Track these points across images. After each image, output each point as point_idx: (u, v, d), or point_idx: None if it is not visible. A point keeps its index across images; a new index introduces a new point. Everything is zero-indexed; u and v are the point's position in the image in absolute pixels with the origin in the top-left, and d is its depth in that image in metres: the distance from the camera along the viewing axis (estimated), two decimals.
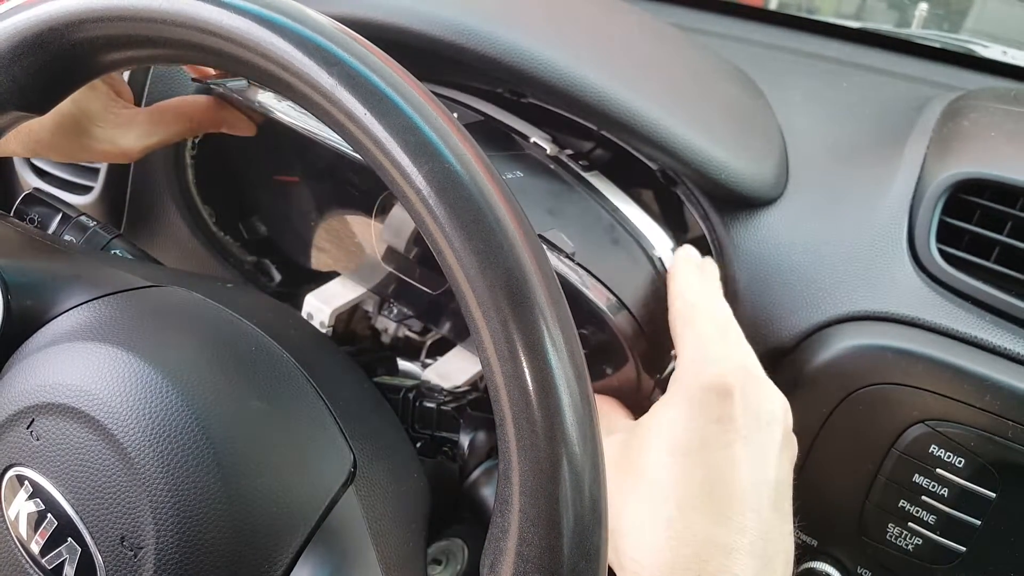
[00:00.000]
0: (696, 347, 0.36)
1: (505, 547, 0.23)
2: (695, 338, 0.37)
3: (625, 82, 0.42)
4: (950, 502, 0.39)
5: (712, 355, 0.35)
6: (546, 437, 0.21)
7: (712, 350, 0.36)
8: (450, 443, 0.40)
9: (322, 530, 0.27)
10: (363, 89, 0.22)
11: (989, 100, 0.53)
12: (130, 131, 0.44)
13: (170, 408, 0.26)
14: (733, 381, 0.34)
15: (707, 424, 0.33)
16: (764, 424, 0.34)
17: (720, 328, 0.38)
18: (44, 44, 0.26)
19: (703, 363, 0.35)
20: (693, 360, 0.36)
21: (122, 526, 0.25)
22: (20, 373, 0.29)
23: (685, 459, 0.33)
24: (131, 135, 0.44)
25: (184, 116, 0.46)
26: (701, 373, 0.35)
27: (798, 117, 0.53)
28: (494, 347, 0.21)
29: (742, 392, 0.34)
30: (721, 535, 0.31)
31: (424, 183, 0.21)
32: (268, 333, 0.31)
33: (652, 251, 0.42)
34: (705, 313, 0.38)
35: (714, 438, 0.33)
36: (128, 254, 0.42)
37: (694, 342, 0.36)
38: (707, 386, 0.34)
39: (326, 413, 0.30)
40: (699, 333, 0.37)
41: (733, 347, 0.37)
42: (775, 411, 0.35)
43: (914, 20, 0.89)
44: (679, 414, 0.34)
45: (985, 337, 0.39)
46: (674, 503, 0.32)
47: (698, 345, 0.36)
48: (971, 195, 0.42)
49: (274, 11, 0.23)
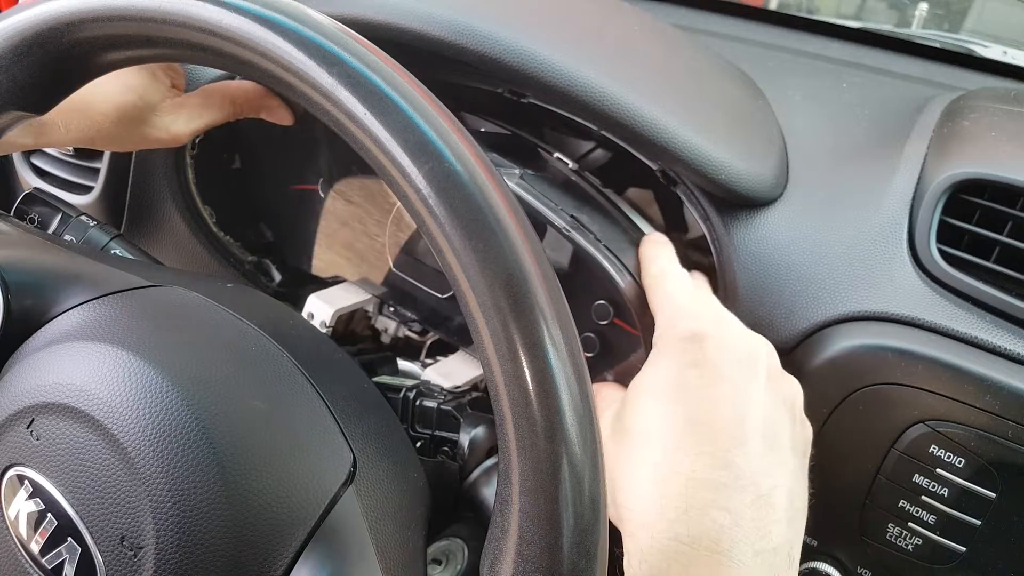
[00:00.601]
0: (669, 305, 0.38)
1: (505, 546, 0.23)
2: (666, 298, 0.38)
3: (625, 82, 0.42)
4: (950, 502, 0.39)
5: (685, 310, 0.37)
6: (546, 436, 0.21)
7: (684, 305, 0.37)
8: (450, 443, 0.40)
9: (322, 530, 0.27)
10: (363, 89, 0.22)
11: (989, 100, 0.53)
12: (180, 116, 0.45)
13: (170, 408, 0.26)
14: (706, 327, 0.35)
15: (684, 369, 0.34)
16: (743, 364, 0.34)
17: (689, 288, 0.39)
18: (44, 44, 0.26)
19: (677, 317, 0.37)
20: (668, 316, 0.37)
21: (122, 526, 0.25)
22: (20, 373, 0.29)
23: (666, 404, 0.33)
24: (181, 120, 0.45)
25: (228, 99, 0.46)
26: (676, 325, 0.36)
27: (798, 117, 0.53)
28: (494, 347, 0.21)
29: (717, 336, 0.35)
30: (705, 471, 0.31)
31: (424, 182, 0.21)
32: (268, 333, 0.31)
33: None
34: (673, 276, 0.40)
35: (692, 380, 0.33)
36: (128, 254, 0.42)
37: (666, 302, 0.38)
38: (682, 335, 0.35)
39: (326, 413, 0.30)
40: (669, 292, 0.38)
41: (704, 302, 0.39)
42: (754, 351, 0.36)
43: (914, 20, 0.90)
44: (658, 367, 0.35)
45: (985, 337, 0.39)
46: (659, 447, 0.32)
47: (670, 303, 0.38)
48: (971, 195, 0.42)
49: (274, 11, 0.23)
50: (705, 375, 0.33)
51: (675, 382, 0.34)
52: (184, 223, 0.52)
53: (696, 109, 0.45)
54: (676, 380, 0.34)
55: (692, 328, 0.35)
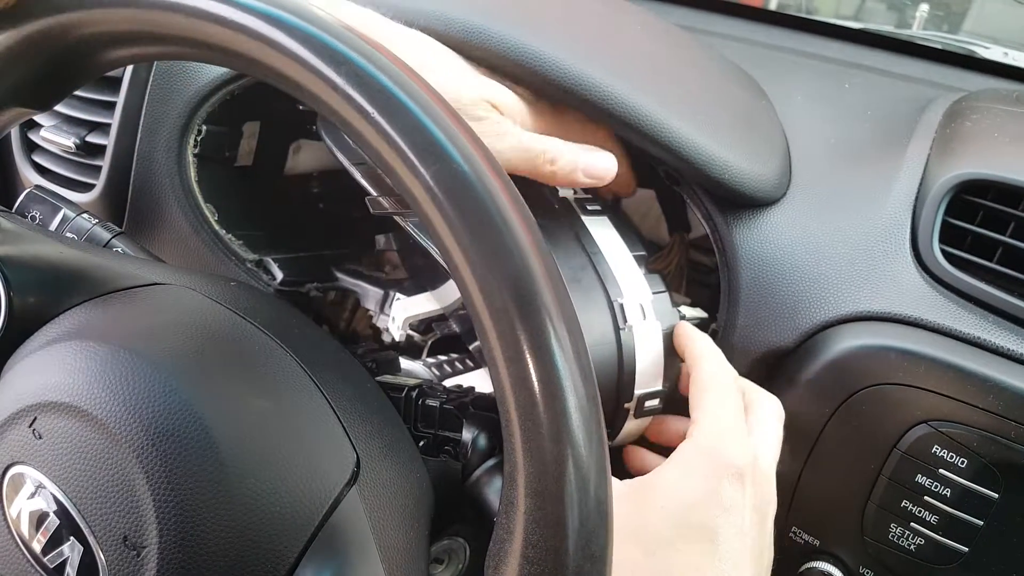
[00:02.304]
0: (715, 420, 0.36)
1: (510, 549, 0.22)
2: (715, 410, 0.37)
3: (630, 81, 0.42)
4: (952, 502, 0.39)
5: (730, 436, 0.36)
6: (552, 438, 0.21)
7: (731, 429, 0.36)
8: (453, 442, 0.40)
9: (325, 529, 0.27)
10: (372, 88, 0.22)
11: (991, 101, 0.53)
12: None
13: (173, 407, 0.26)
14: (746, 470, 0.35)
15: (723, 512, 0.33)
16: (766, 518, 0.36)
17: (739, 409, 0.38)
18: (47, 40, 0.26)
19: (720, 438, 0.35)
20: (710, 433, 0.36)
21: (124, 525, 0.25)
22: (22, 371, 0.29)
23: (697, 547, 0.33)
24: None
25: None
26: (718, 450, 0.35)
27: (801, 117, 0.53)
28: (501, 348, 0.21)
29: (753, 483, 0.35)
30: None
31: (432, 183, 0.21)
32: (271, 332, 0.31)
33: (617, 297, 0.41)
34: (728, 388, 0.38)
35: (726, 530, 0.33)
36: (130, 252, 0.42)
37: (714, 414, 0.37)
38: (723, 466, 0.34)
39: (329, 412, 0.30)
40: (720, 405, 0.37)
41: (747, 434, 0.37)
42: (771, 500, 0.37)
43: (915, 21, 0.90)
44: (690, 483, 0.34)
45: (988, 338, 0.39)
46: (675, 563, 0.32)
47: (717, 419, 0.36)
48: (974, 196, 0.42)
49: (282, 9, 0.23)
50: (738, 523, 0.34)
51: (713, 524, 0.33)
52: (186, 221, 0.52)
53: (700, 109, 0.45)
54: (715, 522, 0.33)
55: (735, 465, 0.34)
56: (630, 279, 0.43)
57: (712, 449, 0.35)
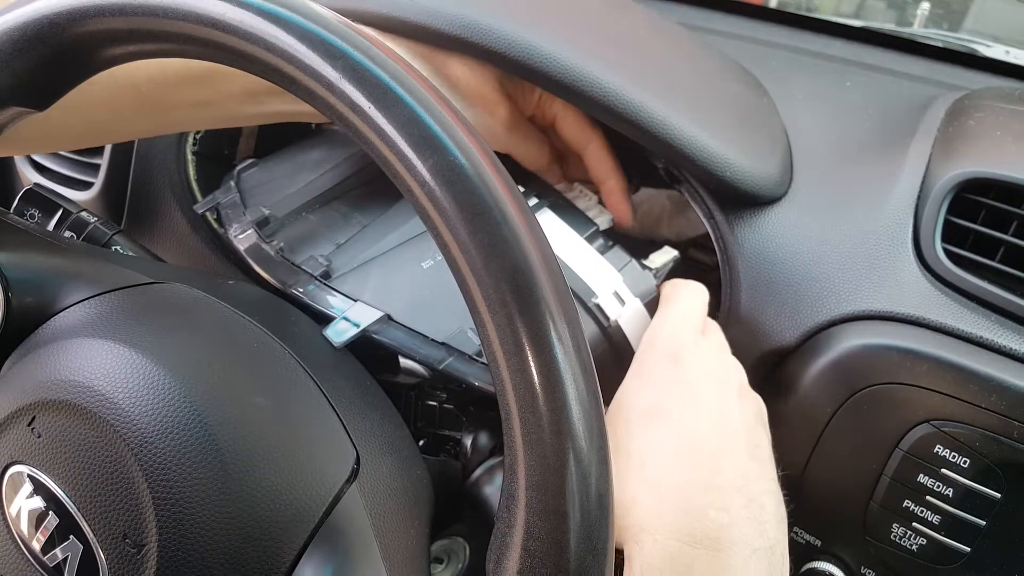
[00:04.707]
0: (658, 324, 0.40)
1: (511, 542, 0.22)
2: (660, 320, 0.40)
3: (631, 78, 0.41)
4: (955, 502, 0.39)
5: (664, 331, 0.39)
6: (552, 431, 0.21)
7: (668, 325, 0.39)
8: (453, 441, 0.40)
9: (325, 527, 0.27)
10: (367, 82, 0.22)
11: (994, 100, 0.53)
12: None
13: (173, 405, 0.26)
14: (682, 346, 0.38)
15: (664, 389, 0.36)
16: (718, 382, 0.37)
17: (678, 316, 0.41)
18: (45, 39, 0.26)
19: (658, 335, 0.39)
20: (651, 334, 0.39)
21: (124, 523, 0.25)
22: (21, 370, 0.29)
23: (651, 426, 0.35)
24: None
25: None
26: (655, 345, 0.38)
27: (802, 116, 0.52)
28: (500, 341, 0.21)
29: (693, 355, 0.37)
30: (699, 477, 0.33)
31: (429, 176, 0.21)
32: (270, 330, 0.31)
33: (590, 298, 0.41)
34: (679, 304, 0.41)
35: (674, 401, 0.35)
36: (129, 250, 0.42)
37: (658, 322, 0.40)
38: (660, 354, 0.37)
39: (329, 410, 0.30)
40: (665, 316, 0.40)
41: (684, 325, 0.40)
42: (726, 371, 0.38)
43: (916, 19, 0.89)
44: (639, 384, 0.37)
45: (990, 337, 0.39)
46: (651, 463, 0.34)
47: (659, 324, 0.40)
48: (976, 194, 0.42)
49: (277, 5, 0.23)
50: (686, 393, 0.36)
51: (659, 400, 0.36)
52: (185, 219, 0.52)
53: (701, 106, 0.45)
54: (660, 399, 0.36)
55: (670, 348, 0.38)
56: (594, 270, 0.42)
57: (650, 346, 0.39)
